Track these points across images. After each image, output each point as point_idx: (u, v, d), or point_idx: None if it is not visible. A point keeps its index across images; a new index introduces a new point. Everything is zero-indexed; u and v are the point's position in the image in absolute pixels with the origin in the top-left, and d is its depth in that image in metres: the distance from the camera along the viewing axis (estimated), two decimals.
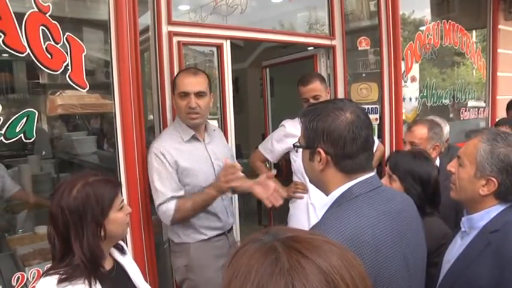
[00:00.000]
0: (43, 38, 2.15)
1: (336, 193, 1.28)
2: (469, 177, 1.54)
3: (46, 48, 2.16)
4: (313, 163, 1.31)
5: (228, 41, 3.15)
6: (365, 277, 0.70)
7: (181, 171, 2.39)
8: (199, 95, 2.39)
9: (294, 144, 1.41)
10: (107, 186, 1.55)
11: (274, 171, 2.93)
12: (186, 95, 2.37)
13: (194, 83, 2.39)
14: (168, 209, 2.34)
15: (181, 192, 2.38)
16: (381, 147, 3.61)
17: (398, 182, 1.99)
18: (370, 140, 1.28)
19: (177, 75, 2.52)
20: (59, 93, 3.75)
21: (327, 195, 1.32)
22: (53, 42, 2.19)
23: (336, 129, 1.24)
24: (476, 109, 5.54)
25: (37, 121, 2.15)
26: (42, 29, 2.15)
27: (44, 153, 3.60)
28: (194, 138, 2.49)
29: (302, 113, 1.36)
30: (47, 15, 2.17)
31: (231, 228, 2.69)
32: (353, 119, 1.24)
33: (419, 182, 1.97)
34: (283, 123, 3.15)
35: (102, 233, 1.51)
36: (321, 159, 1.28)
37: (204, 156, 2.50)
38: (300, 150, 1.38)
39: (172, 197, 2.34)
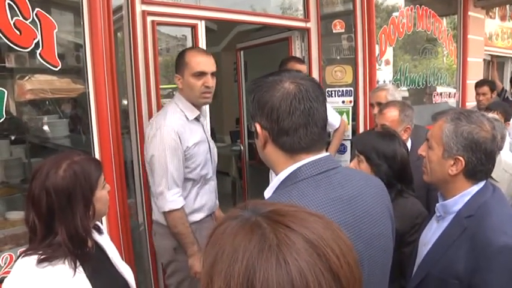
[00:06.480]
0: (10, 14, 2.05)
1: (282, 175, 1.15)
2: (438, 158, 1.57)
3: (14, 24, 2.06)
4: (257, 140, 1.19)
5: (203, 22, 3.11)
6: (352, 249, 0.66)
7: (187, 152, 2.33)
8: (212, 75, 2.39)
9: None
10: (92, 165, 1.52)
11: None
12: (202, 74, 2.34)
13: (210, 63, 2.38)
14: (175, 201, 2.30)
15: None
16: (341, 129, 3.59)
17: (365, 162, 1.96)
18: (314, 115, 1.11)
19: (184, 53, 2.41)
20: (27, 77, 3.62)
21: None
22: (21, 18, 2.09)
23: (270, 101, 1.11)
24: (448, 93, 5.66)
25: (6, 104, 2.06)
26: (8, 3, 2.04)
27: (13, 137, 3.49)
28: (196, 118, 2.43)
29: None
30: None
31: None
32: (291, 90, 1.10)
33: (384, 159, 1.93)
34: None
35: (91, 212, 1.48)
36: (259, 135, 1.16)
37: (203, 138, 2.46)
38: None
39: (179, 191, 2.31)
